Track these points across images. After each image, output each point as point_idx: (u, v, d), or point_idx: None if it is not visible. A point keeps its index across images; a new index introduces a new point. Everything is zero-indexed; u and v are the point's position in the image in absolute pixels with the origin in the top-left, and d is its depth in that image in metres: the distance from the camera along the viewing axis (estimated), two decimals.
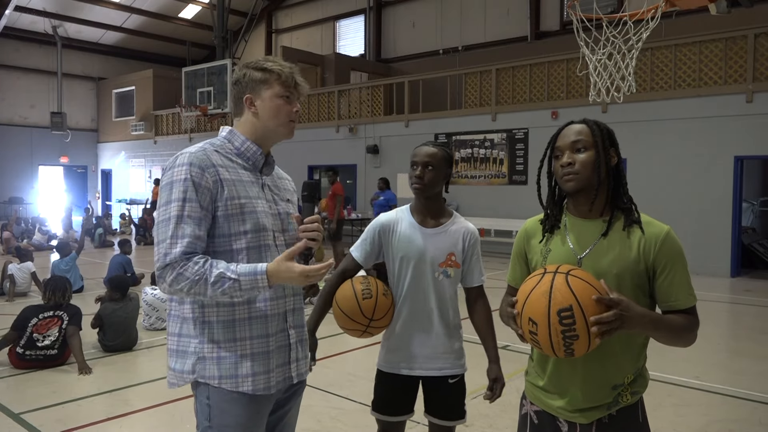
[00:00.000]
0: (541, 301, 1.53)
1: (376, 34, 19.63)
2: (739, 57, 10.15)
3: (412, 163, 2.34)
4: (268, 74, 1.83)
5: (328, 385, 4.32)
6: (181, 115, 17.10)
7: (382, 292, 2.31)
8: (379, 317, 2.30)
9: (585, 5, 7.36)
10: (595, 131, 1.72)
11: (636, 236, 1.69)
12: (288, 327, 1.86)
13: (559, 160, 1.74)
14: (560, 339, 1.51)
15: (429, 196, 2.35)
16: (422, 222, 2.37)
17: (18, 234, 13.85)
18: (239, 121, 1.88)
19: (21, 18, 20.31)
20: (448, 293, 2.36)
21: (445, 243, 2.34)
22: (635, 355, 1.73)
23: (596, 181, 1.69)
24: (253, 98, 1.83)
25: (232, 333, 1.75)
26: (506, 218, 12.75)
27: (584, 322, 1.48)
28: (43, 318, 4.96)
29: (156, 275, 1.70)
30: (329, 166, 16.60)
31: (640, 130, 10.90)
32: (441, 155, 2.33)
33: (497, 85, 13.33)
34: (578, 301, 1.49)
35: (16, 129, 21.78)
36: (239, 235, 1.76)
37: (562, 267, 1.60)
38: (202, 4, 21.40)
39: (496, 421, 3.87)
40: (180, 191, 1.69)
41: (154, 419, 3.98)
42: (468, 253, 2.37)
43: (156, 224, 1.72)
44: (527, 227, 1.90)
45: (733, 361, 5.55)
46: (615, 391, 1.70)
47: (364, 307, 2.26)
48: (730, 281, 9.84)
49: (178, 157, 1.75)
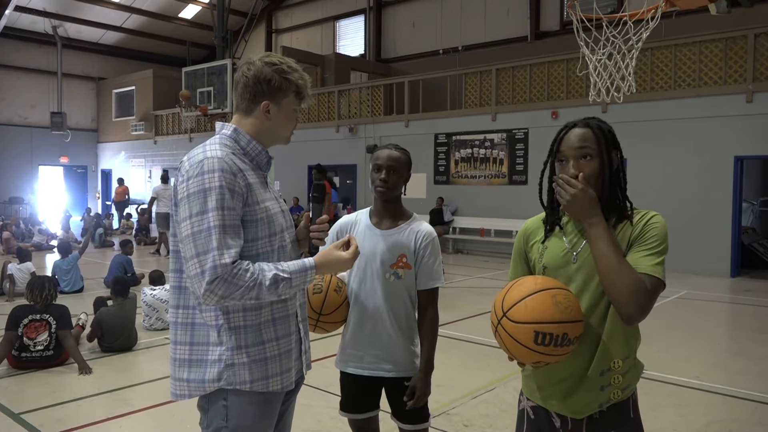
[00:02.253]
0: (520, 350, 1.61)
1: (376, 34, 19.63)
2: (739, 57, 10.15)
3: (376, 167, 2.35)
4: (289, 85, 1.82)
5: (328, 385, 4.31)
6: (181, 115, 17.10)
7: (333, 288, 2.33)
8: (328, 312, 2.32)
9: (585, 5, 7.36)
10: (600, 137, 1.71)
11: (628, 231, 1.71)
12: (299, 321, 1.90)
13: (563, 165, 1.74)
14: (559, 348, 1.58)
15: (389, 198, 2.36)
16: (378, 224, 2.39)
17: (18, 235, 13.86)
18: (246, 120, 1.84)
19: (21, 18, 20.32)
20: (400, 295, 2.35)
21: (398, 244, 2.34)
22: (621, 339, 1.71)
23: (600, 187, 1.71)
24: (270, 103, 1.81)
25: (259, 336, 1.75)
26: (506, 218, 12.75)
27: (554, 325, 1.57)
28: (31, 320, 4.86)
29: (203, 290, 1.60)
30: (329, 166, 16.65)
31: (640, 130, 10.90)
32: (404, 159, 2.36)
33: (497, 85, 13.33)
34: (533, 323, 1.58)
35: (16, 129, 21.78)
36: (264, 239, 1.75)
37: (496, 309, 1.67)
38: (202, 4, 21.40)
39: (496, 421, 3.88)
40: (217, 200, 1.63)
41: (154, 419, 3.98)
42: (420, 254, 2.35)
43: (191, 235, 1.63)
44: (527, 227, 1.92)
45: (733, 361, 5.54)
46: (603, 377, 1.70)
47: (312, 301, 2.30)
48: (730, 281, 9.84)
49: (204, 162, 1.67)
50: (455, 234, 13.53)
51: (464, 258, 12.84)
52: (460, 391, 4.43)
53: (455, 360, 5.16)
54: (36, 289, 4.94)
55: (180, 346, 1.75)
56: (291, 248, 1.90)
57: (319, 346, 5.00)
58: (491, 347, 5.31)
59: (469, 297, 8.47)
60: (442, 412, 4.02)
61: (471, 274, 10.50)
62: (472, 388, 4.50)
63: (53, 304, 5.02)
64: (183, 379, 1.74)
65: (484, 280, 9.98)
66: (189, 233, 1.64)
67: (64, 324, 4.92)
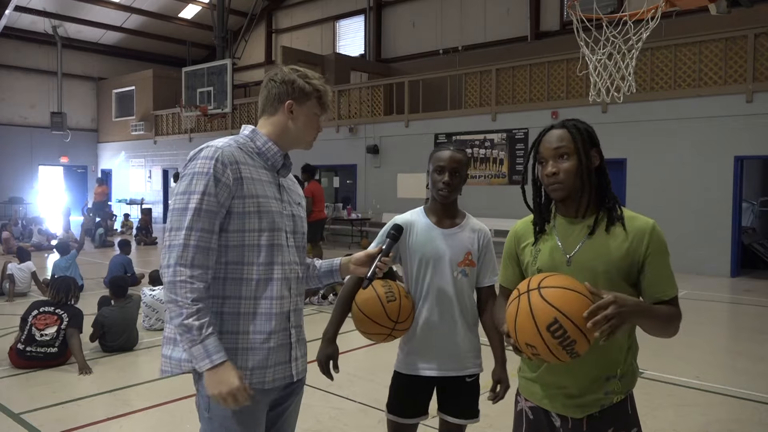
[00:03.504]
0: (527, 324, 1.57)
1: (376, 34, 19.63)
2: (739, 57, 10.15)
3: (438, 168, 2.31)
4: (314, 90, 1.90)
5: (328, 385, 4.30)
6: (181, 115, 17.10)
7: (404, 294, 2.31)
8: (403, 319, 2.28)
9: (585, 5, 7.36)
10: (576, 136, 1.75)
11: (621, 233, 1.73)
12: (290, 326, 1.89)
13: (543, 166, 1.78)
14: (560, 349, 1.55)
15: (452, 199, 2.35)
16: (438, 223, 2.37)
17: (17, 234, 13.85)
18: (268, 120, 1.92)
19: (21, 18, 20.31)
20: (466, 292, 2.36)
21: (462, 242, 2.34)
22: (624, 346, 1.76)
23: (580, 185, 1.75)
24: (294, 104, 1.88)
25: (236, 326, 1.79)
26: (506, 218, 12.72)
27: (574, 326, 1.52)
28: (43, 311, 4.96)
29: (166, 261, 1.72)
30: (329, 166, 16.65)
31: (640, 130, 10.90)
32: (465, 160, 2.36)
33: (497, 85, 13.32)
34: (560, 311, 1.53)
35: (16, 129, 21.78)
36: (253, 232, 1.80)
37: (532, 281, 1.63)
38: (202, 4, 21.40)
39: (496, 421, 3.88)
40: (202, 184, 1.73)
41: (154, 419, 3.97)
42: (482, 252, 2.38)
43: (171, 210, 1.75)
44: (517, 228, 1.94)
45: (733, 361, 5.54)
46: (608, 382, 1.73)
47: (389, 309, 2.24)
48: (730, 281, 9.84)
49: (203, 149, 1.79)
50: None
51: None
52: None
53: None
54: (62, 290, 5.12)
55: (168, 324, 1.82)
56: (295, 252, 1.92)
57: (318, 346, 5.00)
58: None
59: None
60: None
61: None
62: None
63: (70, 305, 5.14)
64: (167, 356, 1.81)
65: None
66: (171, 209, 1.77)
67: (76, 323, 4.99)
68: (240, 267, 1.80)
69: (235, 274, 1.80)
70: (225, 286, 1.80)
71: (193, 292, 1.69)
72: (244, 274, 1.80)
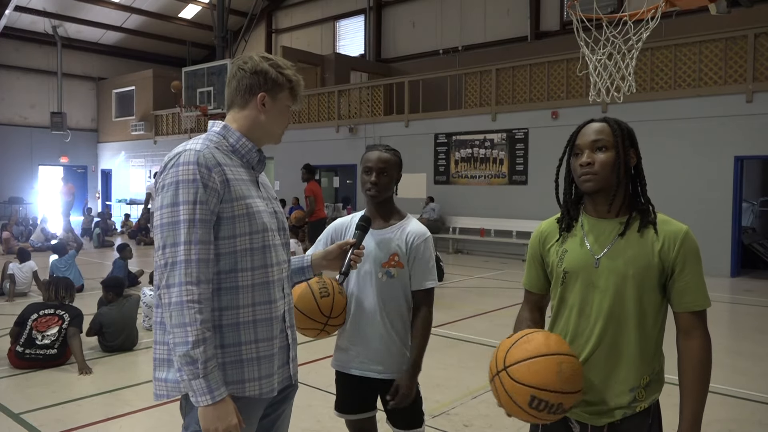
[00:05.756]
0: (512, 406, 1.61)
1: (376, 34, 19.63)
2: (739, 57, 10.15)
3: (366, 169, 2.35)
4: (287, 81, 1.81)
5: (328, 386, 4.30)
6: (181, 115, 17.09)
7: (338, 291, 2.33)
8: (336, 315, 2.32)
9: (585, 5, 7.35)
10: (616, 131, 1.70)
11: (653, 236, 1.68)
12: (286, 327, 1.84)
13: (578, 158, 1.72)
14: (551, 415, 1.59)
15: (381, 200, 2.37)
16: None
17: (17, 234, 13.85)
18: (238, 114, 1.80)
19: (21, 18, 20.30)
20: (394, 295, 2.34)
21: (390, 243, 2.34)
22: (650, 354, 1.74)
23: (615, 181, 1.68)
24: (267, 97, 1.78)
25: (237, 337, 1.69)
26: (506, 218, 12.76)
27: (553, 394, 1.55)
28: (43, 315, 4.96)
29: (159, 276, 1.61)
30: (329, 166, 16.65)
31: (640, 130, 10.71)
32: (394, 160, 2.36)
33: (497, 85, 13.32)
34: (534, 387, 1.56)
35: (16, 129, 21.76)
36: (244, 236, 1.70)
37: (498, 357, 1.64)
38: (202, 4, 21.40)
39: (495, 422, 3.87)
40: (190, 193, 1.61)
41: (154, 419, 3.98)
42: (411, 254, 2.33)
43: (160, 225, 1.62)
44: (542, 229, 1.87)
45: (733, 361, 5.54)
46: (632, 393, 1.70)
47: (322, 305, 2.27)
48: (730, 281, 9.85)
49: (182, 154, 1.65)
50: (455, 234, 13.53)
51: (464, 258, 12.83)
52: (459, 391, 4.43)
53: (455, 360, 5.17)
54: (61, 289, 5.15)
55: (159, 345, 1.70)
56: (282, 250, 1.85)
57: (319, 346, 5.01)
58: (491, 347, 5.31)
59: (468, 297, 8.47)
60: (442, 412, 4.02)
61: (471, 274, 10.50)
62: (472, 388, 4.51)
63: (70, 305, 5.15)
64: (162, 379, 1.69)
65: (484, 280, 9.97)
66: (159, 224, 1.63)
67: (77, 323, 5.00)
68: (234, 275, 1.69)
69: (229, 283, 1.69)
70: (220, 297, 1.68)
71: (202, 313, 1.58)
72: (239, 281, 1.70)
